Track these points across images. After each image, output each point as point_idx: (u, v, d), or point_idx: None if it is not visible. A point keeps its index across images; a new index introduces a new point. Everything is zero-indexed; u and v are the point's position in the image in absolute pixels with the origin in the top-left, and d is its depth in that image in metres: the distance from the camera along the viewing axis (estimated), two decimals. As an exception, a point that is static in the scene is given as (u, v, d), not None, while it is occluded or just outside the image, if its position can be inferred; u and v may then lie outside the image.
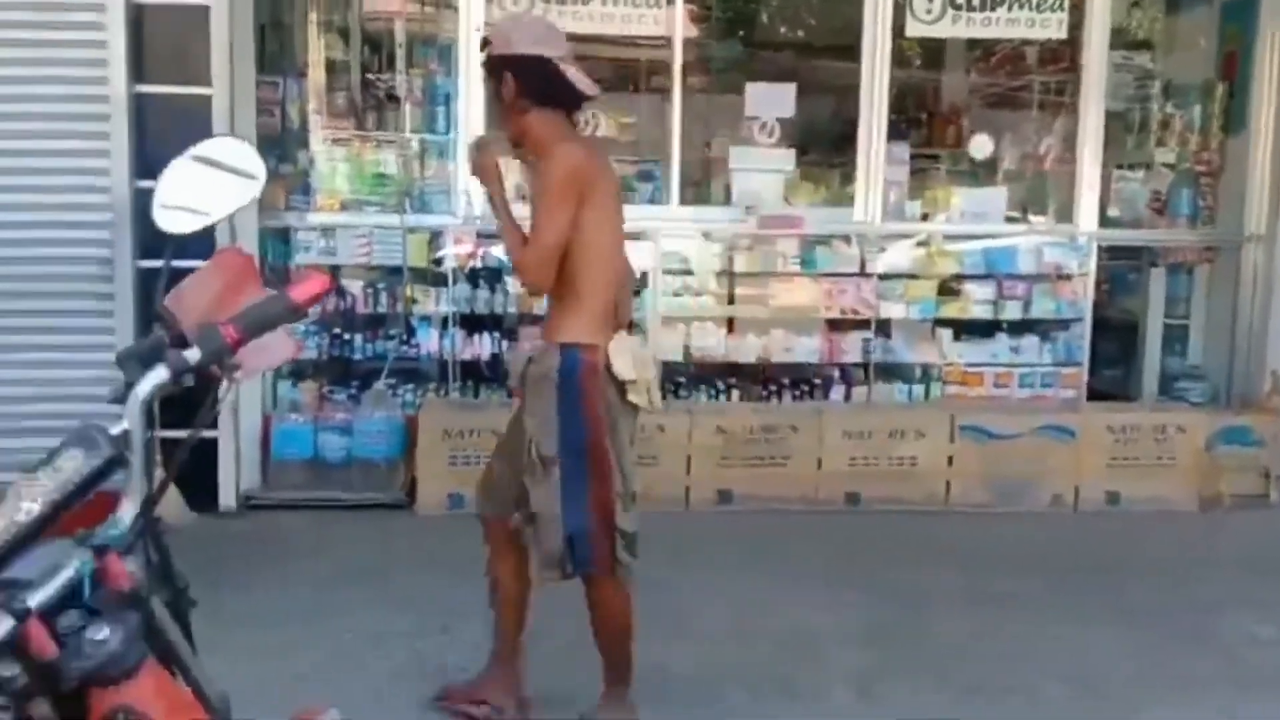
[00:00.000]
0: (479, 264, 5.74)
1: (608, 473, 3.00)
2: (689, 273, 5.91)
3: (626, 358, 3.02)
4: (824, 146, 6.96)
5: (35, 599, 1.31)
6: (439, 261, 5.75)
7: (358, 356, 5.75)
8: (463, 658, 3.66)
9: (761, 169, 6.00)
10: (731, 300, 5.99)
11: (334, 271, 5.65)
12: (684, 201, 6.02)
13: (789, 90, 6.10)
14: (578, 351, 2.99)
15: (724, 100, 6.71)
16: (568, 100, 3.03)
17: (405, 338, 5.74)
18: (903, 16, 5.87)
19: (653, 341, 5.79)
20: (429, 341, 5.77)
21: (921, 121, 7.37)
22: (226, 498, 5.13)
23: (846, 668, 3.75)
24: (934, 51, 7.34)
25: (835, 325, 6.04)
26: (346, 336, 5.69)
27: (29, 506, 1.33)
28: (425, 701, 3.38)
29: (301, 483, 5.33)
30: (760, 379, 6.01)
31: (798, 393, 5.94)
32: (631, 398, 3.06)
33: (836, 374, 6.02)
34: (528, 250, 2.96)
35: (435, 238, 5.75)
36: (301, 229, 5.59)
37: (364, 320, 5.76)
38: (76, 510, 1.40)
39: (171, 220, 1.50)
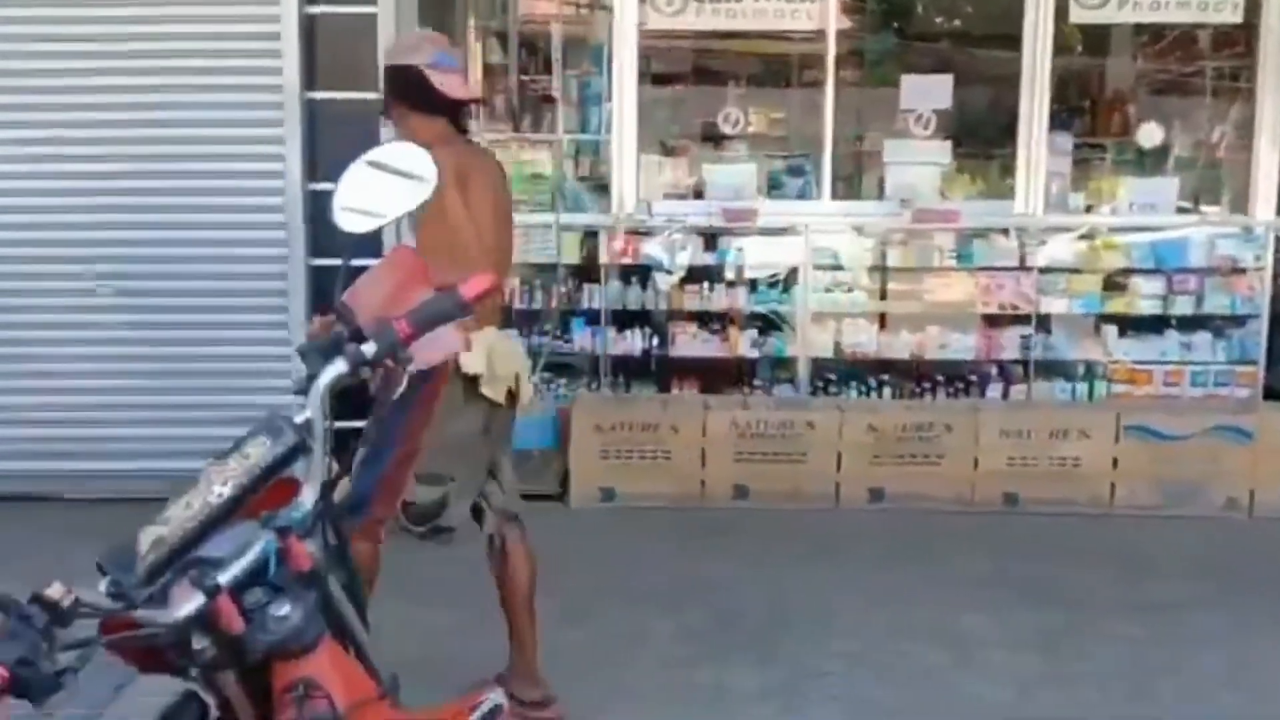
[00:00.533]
0: (630, 261, 5.82)
1: (409, 458, 3.08)
2: (839, 268, 5.84)
3: (479, 353, 3.10)
4: (982, 138, 6.77)
5: (225, 576, 1.39)
6: (591, 259, 5.84)
7: (513, 352, 5.88)
8: (609, 646, 3.72)
9: (917, 162, 5.89)
10: (884, 295, 5.90)
11: (491, 269, 5.79)
12: (835, 196, 5.97)
13: (946, 81, 5.97)
14: None
15: (877, 93, 6.61)
16: (439, 105, 3.13)
17: (558, 333, 5.86)
18: (1065, 2, 5.67)
19: (802, 337, 5.77)
20: (581, 337, 5.86)
21: (1085, 110, 7.10)
22: (389, 487, 5.30)
23: (1004, 671, 3.67)
24: (1098, 38, 7.04)
25: (993, 321, 5.87)
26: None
27: (220, 490, 1.42)
28: (575, 686, 3.45)
29: (459, 473, 5.48)
30: (913, 376, 5.90)
31: (952, 390, 5.80)
32: (484, 390, 3.14)
33: (994, 371, 5.86)
34: (481, 262, 2.85)
35: (588, 236, 5.85)
36: (461, 228, 5.75)
37: (519, 316, 5.90)
38: (262, 494, 1.48)
39: (349, 221, 1.59)
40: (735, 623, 3.98)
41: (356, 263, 1.71)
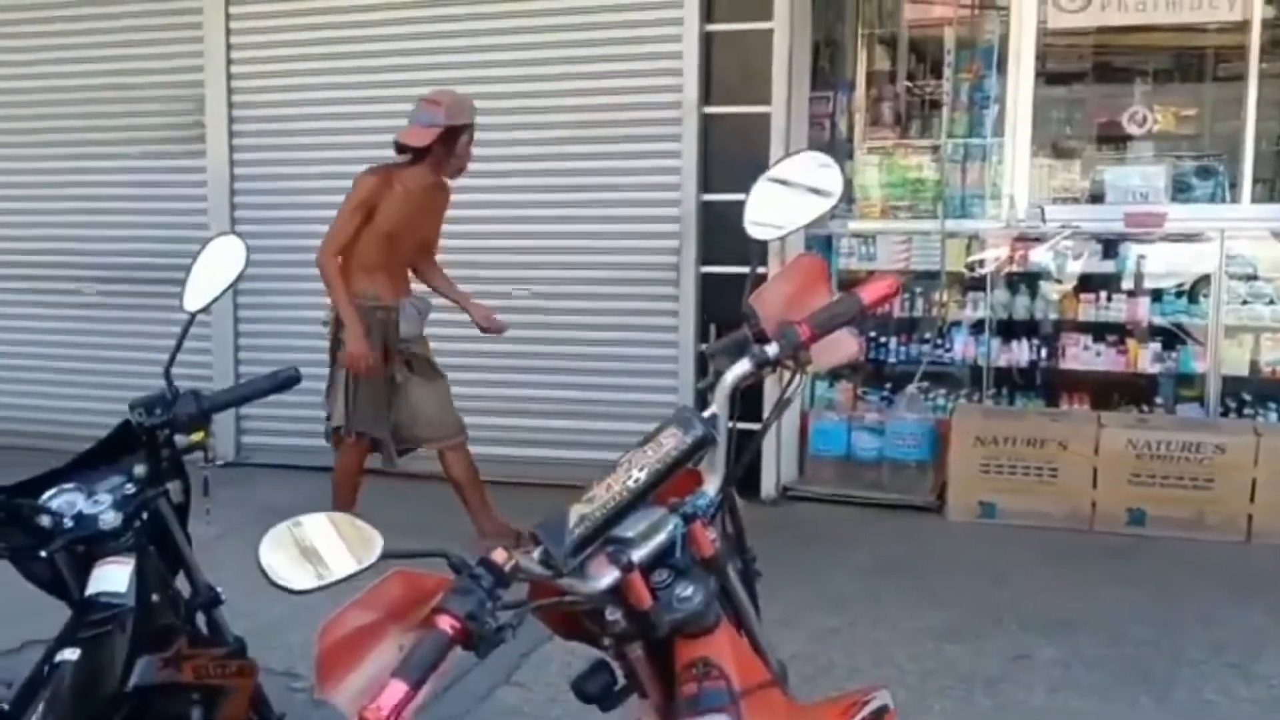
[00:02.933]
0: (1018, 269, 5.61)
1: None
2: (1257, 278, 5.33)
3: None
4: None
5: (638, 554, 1.50)
6: (972, 267, 5.68)
7: (891, 359, 5.84)
8: (992, 666, 3.61)
9: (1356, 162, 5.28)
10: (1311, 309, 5.33)
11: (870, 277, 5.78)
12: (1254, 199, 5.46)
13: (1395, 70, 5.31)
14: None
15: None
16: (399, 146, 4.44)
17: (939, 342, 5.74)
18: None
19: (1213, 352, 5.31)
20: (963, 346, 5.71)
21: None
22: (767, 487, 5.41)
23: None
24: None
25: None
26: (882, 339, 5.81)
27: (637, 475, 1.54)
28: (954, 704, 3.38)
29: (834, 479, 5.53)
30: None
31: (1398, 418, 5.13)
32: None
33: None
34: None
35: (973, 242, 5.70)
36: (844, 235, 5.79)
37: (899, 324, 5.84)
38: (670, 482, 1.59)
39: (758, 231, 1.68)
40: (1129, 655, 3.73)
41: (726, 270, 1.79)
